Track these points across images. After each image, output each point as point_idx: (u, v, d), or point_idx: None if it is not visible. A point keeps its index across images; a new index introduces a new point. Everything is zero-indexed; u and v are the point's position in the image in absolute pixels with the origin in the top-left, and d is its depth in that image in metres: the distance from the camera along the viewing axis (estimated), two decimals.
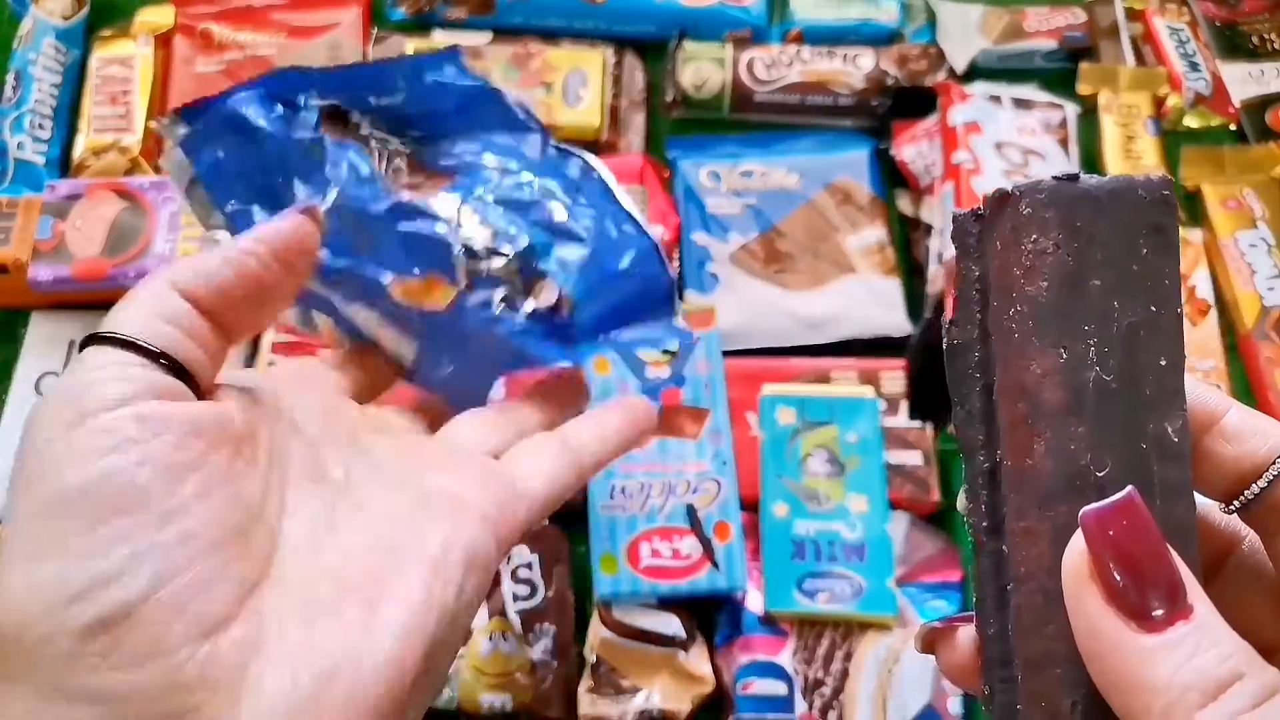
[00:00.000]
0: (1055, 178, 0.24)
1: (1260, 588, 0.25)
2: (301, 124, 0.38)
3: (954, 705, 0.60)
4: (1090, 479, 0.23)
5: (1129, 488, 0.22)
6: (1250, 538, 0.26)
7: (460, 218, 0.37)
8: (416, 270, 0.36)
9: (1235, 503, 0.25)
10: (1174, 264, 0.24)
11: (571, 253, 0.38)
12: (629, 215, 0.39)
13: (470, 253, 0.36)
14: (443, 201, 0.37)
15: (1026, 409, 0.24)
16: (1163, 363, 0.24)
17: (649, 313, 0.40)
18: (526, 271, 0.37)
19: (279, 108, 0.40)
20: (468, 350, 0.38)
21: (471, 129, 0.40)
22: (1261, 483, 0.24)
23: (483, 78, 0.40)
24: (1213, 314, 0.73)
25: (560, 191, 0.39)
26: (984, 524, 0.25)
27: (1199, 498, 0.24)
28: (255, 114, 0.40)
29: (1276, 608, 0.25)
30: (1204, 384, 0.25)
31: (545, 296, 0.37)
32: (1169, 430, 0.23)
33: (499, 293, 0.37)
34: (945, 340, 0.26)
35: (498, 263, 0.37)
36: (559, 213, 0.38)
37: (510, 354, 0.37)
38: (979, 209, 0.26)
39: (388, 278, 0.36)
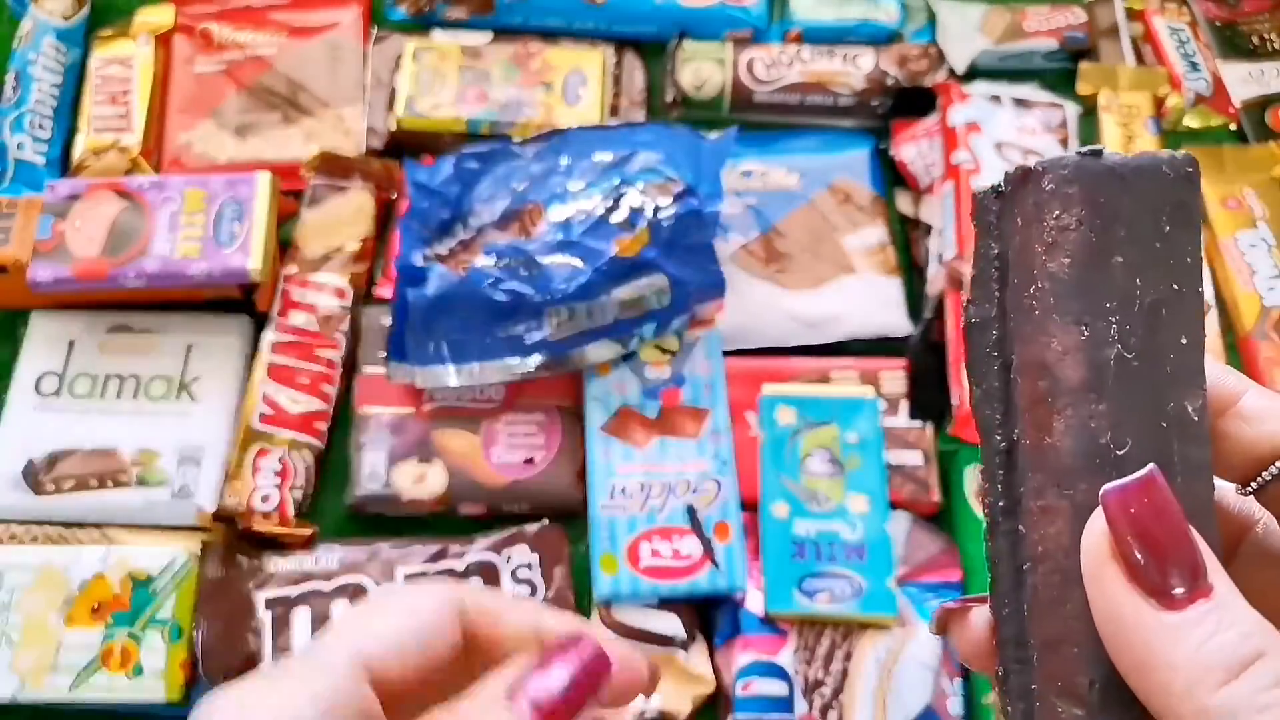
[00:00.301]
0: (1079, 153, 0.24)
1: (1277, 570, 0.25)
2: None
3: (954, 705, 0.60)
4: (1110, 457, 0.23)
5: (1150, 465, 0.22)
6: (1266, 520, 0.26)
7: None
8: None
9: (1252, 484, 0.24)
10: (1197, 242, 0.24)
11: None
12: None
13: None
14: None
15: (1047, 386, 0.24)
16: (1184, 341, 0.23)
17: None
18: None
19: None
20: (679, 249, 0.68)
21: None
22: None
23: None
24: (1213, 314, 0.73)
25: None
26: (999, 503, 0.25)
27: (1215, 479, 0.24)
28: None
29: None
30: (1221, 365, 0.25)
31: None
32: (1189, 409, 0.23)
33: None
34: (964, 318, 0.26)
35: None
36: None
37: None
38: (999, 185, 0.25)
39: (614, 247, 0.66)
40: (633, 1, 0.81)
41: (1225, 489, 0.25)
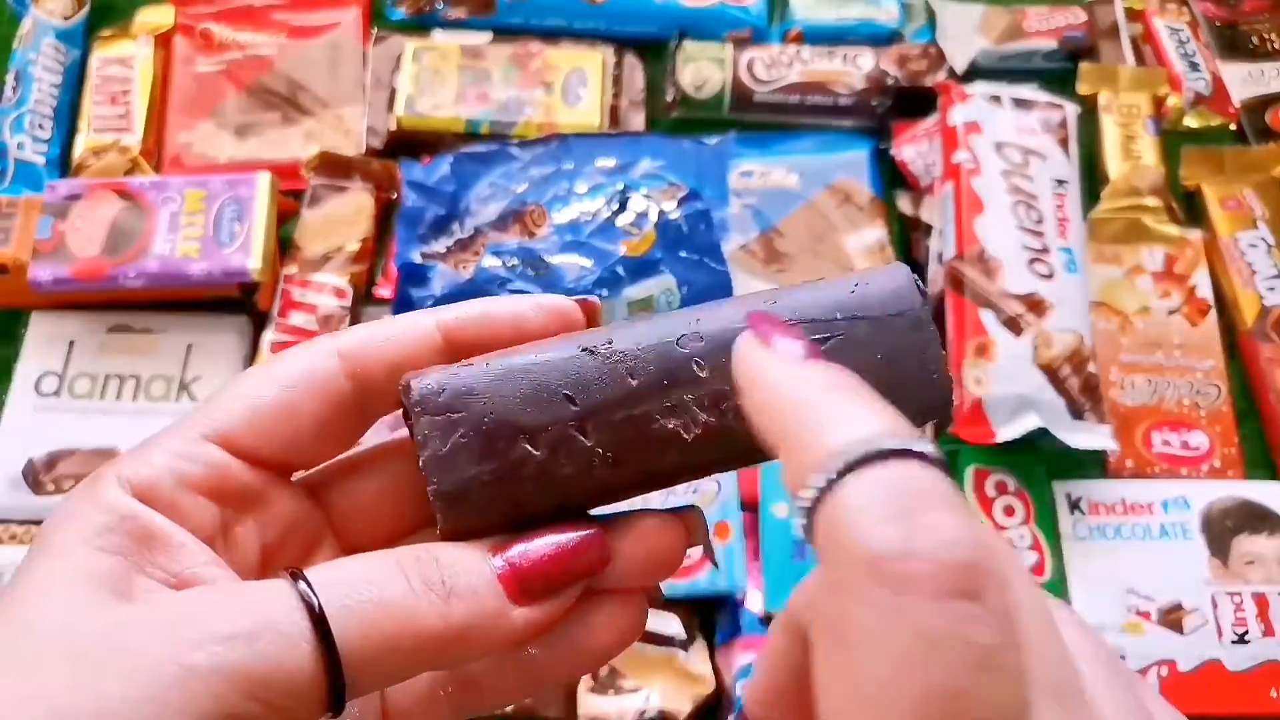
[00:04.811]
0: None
1: None
2: None
3: None
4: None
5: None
6: None
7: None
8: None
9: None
10: None
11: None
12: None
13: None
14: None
15: None
16: None
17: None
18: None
19: None
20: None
21: None
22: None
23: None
24: (1213, 314, 0.73)
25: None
26: None
27: None
28: None
29: None
30: None
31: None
32: None
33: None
34: None
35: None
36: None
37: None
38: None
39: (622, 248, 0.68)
40: (633, 1, 0.81)
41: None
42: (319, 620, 0.22)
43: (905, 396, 0.24)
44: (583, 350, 0.25)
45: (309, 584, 0.22)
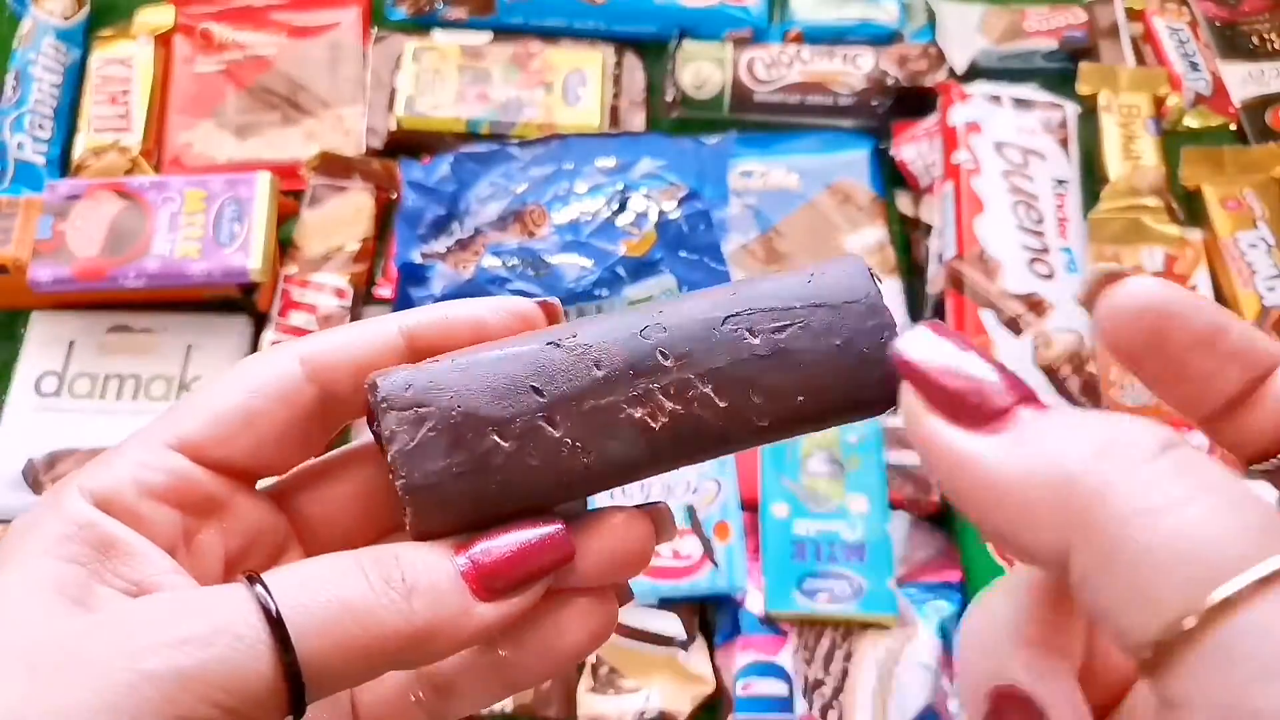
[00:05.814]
0: None
1: None
2: None
3: (954, 705, 0.60)
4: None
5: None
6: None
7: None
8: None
9: (1267, 464, 0.22)
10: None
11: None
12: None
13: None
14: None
15: None
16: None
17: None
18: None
19: None
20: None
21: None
22: None
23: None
24: None
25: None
26: None
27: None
28: None
29: None
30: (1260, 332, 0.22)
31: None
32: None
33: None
34: None
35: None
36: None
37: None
38: None
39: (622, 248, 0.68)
40: (633, 1, 0.81)
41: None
42: (276, 622, 0.21)
43: (865, 381, 0.24)
44: (548, 344, 0.25)
45: (265, 586, 0.22)
